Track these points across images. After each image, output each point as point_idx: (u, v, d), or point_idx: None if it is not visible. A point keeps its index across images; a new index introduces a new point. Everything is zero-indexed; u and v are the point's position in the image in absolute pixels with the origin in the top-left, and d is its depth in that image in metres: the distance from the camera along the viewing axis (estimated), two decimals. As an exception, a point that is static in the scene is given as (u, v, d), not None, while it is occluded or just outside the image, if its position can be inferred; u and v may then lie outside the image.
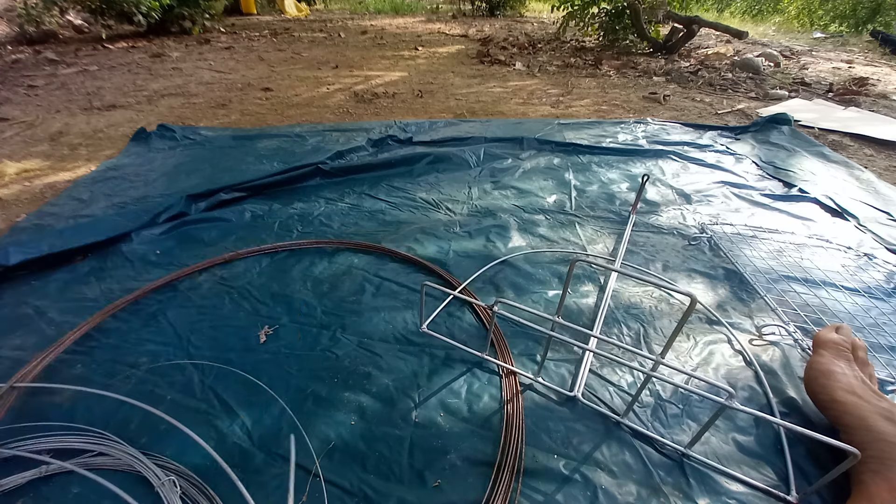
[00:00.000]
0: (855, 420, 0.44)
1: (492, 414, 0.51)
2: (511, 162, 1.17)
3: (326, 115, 1.62)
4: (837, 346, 0.51)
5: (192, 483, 0.42)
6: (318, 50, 2.82)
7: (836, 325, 0.56)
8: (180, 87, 1.92)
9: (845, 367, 0.49)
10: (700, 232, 0.87)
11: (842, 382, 0.47)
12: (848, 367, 0.49)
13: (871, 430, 0.42)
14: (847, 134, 1.48)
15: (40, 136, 1.34)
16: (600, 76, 2.29)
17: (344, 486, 0.43)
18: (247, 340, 0.60)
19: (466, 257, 0.78)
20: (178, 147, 1.24)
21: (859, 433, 0.43)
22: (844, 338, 0.52)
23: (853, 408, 0.45)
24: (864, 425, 0.43)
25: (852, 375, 0.48)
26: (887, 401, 0.45)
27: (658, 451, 0.47)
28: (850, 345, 0.52)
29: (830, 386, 0.48)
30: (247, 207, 0.92)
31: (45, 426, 0.47)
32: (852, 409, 0.44)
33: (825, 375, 0.49)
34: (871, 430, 0.42)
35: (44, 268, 0.73)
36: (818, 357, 0.51)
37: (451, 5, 5.78)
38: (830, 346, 0.51)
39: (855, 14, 4.94)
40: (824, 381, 0.48)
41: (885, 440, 0.41)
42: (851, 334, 0.54)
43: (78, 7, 2.88)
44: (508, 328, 0.63)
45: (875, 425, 0.42)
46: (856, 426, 0.43)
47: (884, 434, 0.41)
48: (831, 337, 0.53)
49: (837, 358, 0.50)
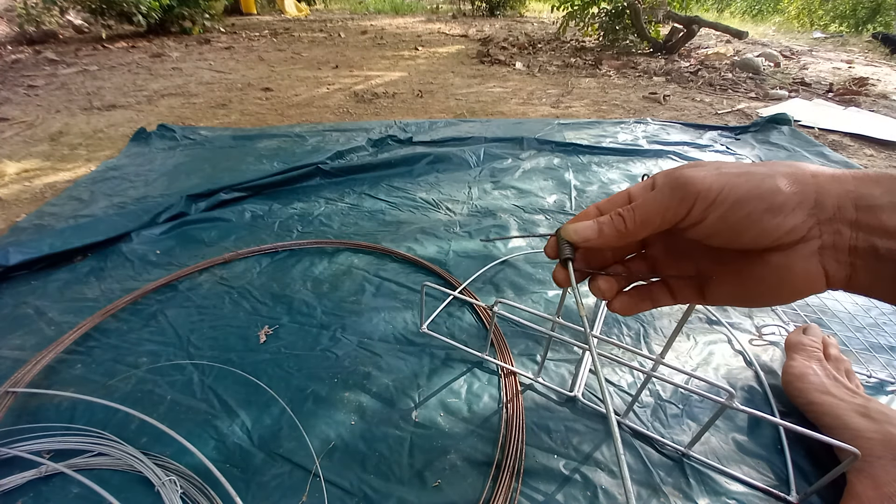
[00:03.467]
0: (832, 420, 0.44)
1: (492, 414, 0.51)
2: (511, 162, 1.17)
3: (326, 115, 1.62)
4: (807, 348, 0.52)
5: (193, 483, 0.42)
6: (318, 50, 2.82)
7: (804, 326, 0.56)
8: (180, 87, 1.92)
9: (818, 368, 0.49)
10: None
11: (815, 384, 0.47)
12: (820, 368, 0.49)
13: (849, 428, 0.42)
14: (847, 134, 1.48)
15: (40, 136, 1.34)
16: (600, 76, 2.29)
17: (344, 486, 0.43)
18: (247, 340, 0.60)
19: (466, 257, 0.78)
20: (178, 147, 1.24)
21: (838, 433, 0.43)
22: (814, 338, 0.53)
23: (829, 407, 0.45)
24: (840, 424, 0.43)
25: (825, 375, 0.48)
26: (862, 396, 0.45)
27: (658, 451, 0.47)
28: (820, 344, 0.52)
29: (805, 388, 0.48)
30: (247, 207, 0.93)
31: (45, 427, 0.47)
32: (828, 409, 0.45)
33: (799, 379, 0.49)
34: (849, 428, 0.42)
35: (44, 268, 0.73)
36: (791, 361, 0.52)
37: (451, 5, 5.78)
38: (801, 349, 0.52)
39: (855, 14, 4.95)
40: (799, 385, 0.49)
41: (862, 437, 0.41)
42: (820, 333, 0.54)
43: (78, 7, 2.88)
44: (508, 328, 0.63)
45: (851, 422, 0.42)
46: (833, 425, 0.44)
47: (861, 430, 0.41)
48: (800, 339, 0.53)
49: (809, 360, 0.51)
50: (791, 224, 0.20)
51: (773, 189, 0.20)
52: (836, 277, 0.21)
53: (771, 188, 0.20)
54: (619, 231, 0.24)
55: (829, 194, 0.20)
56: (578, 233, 0.25)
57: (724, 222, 0.21)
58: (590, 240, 0.24)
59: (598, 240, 0.24)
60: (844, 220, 0.20)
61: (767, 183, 0.21)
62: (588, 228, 0.24)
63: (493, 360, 0.57)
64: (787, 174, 0.21)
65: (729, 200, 0.21)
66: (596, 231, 0.24)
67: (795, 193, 0.20)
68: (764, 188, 0.21)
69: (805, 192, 0.20)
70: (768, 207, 0.20)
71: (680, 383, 0.47)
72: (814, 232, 0.20)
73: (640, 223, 0.23)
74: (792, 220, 0.20)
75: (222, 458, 0.45)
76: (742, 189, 0.21)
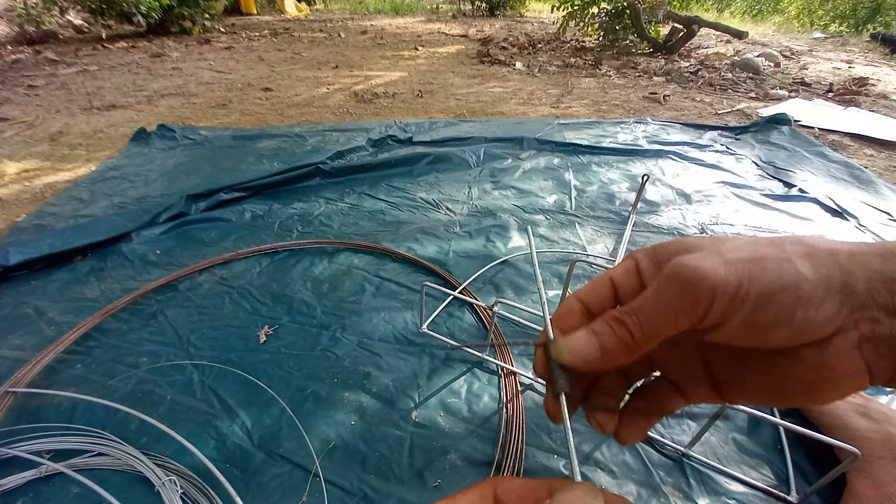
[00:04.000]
0: (832, 419, 0.44)
1: (492, 414, 0.51)
2: (511, 162, 1.17)
3: (326, 115, 1.62)
4: None
5: (193, 483, 0.42)
6: (318, 50, 2.82)
7: None
8: (180, 87, 1.92)
9: None
10: (700, 232, 0.87)
11: None
12: None
13: (848, 428, 0.42)
14: (847, 134, 1.48)
15: (40, 136, 1.34)
16: (600, 76, 2.29)
17: (344, 486, 0.43)
18: (247, 340, 0.60)
19: (466, 257, 0.78)
20: (178, 147, 1.24)
21: (838, 432, 0.43)
22: None
23: (829, 407, 0.45)
24: (840, 423, 0.43)
25: None
26: (862, 396, 0.45)
27: (658, 451, 0.47)
28: None
29: None
30: (247, 207, 0.93)
31: (45, 427, 0.47)
32: (828, 409, 0.45)
33: None
34: (848, 428, 0.42)
35: (44, 268, 0.73)
36: None
37: (451, 5, 5.78)
38: None
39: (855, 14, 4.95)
40: None
41: (862, 437, 0.41)
42: None
43: (78, 7, 2.88)
44: (508, 328, 0.63)
45: (851, 422, 0.42)
46: (834, 425, 0.44)
47: (860, 430, 0.41)
48: None
49: None
50: (825, 316, 0.17)
51: (797, 277, 0.17)
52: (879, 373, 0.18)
53: (794, 276, 0.17)
54: (626, 346, 0.19)
55: (856, 276, 0.17)
56: (574, 353, 0.19)
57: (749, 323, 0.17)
58: (590, 362, 0.19)
59: (601, 361, 0.19)
60: (880, 306, 0.17)
61: (788, 269, 0.17)
62: (586, 346, 0.19)
63: (493, 360, 0.57)
64: (805, 255, 0.17)
65: (752, 297, 0.17)
66: (597, 349, 0.19)
67: (821, 279, 0.17)
68: (787, 277, 0.17)
69: (830, 276, 0.17)
70: (796, 300, 0.17)
71: (680, 383, 0.47)
72: (849, 322, 0.17)
73: (649, 334, 0.18)
74: (824, 311, 0.17)
75: (222, 458, 0.45)
76: (764, 281, 0.17)
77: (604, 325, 0.19)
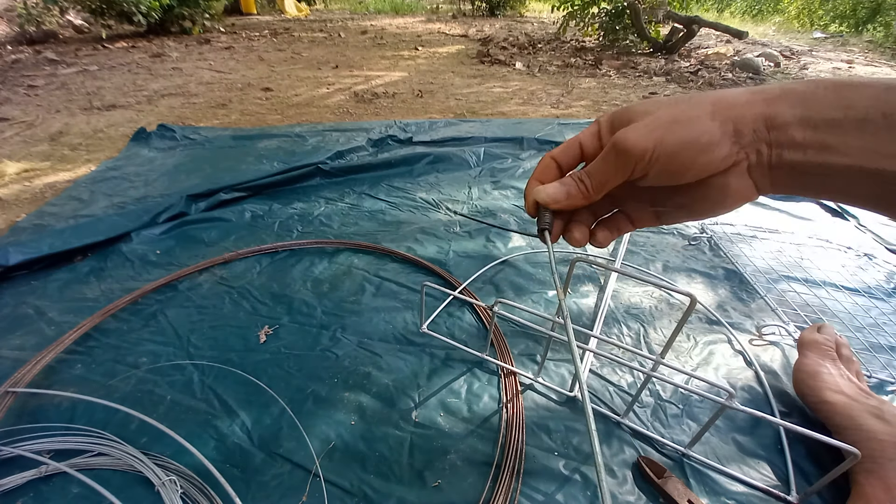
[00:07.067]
0: (845, 420, 0.44)
1: (492, 414, 0.51)
2: (511, 162, 1.17)
3: (326, 115, 1.62)
4: (821, 347, 0.51)
5: (193, 483, 0.42)
6: (318, 50, 2.82)
7: (819, 324, 0.56)
8: (180, 87, 1.92)
9: (831, 367, 0.49)
10: (700, 232, 0.87)
11: (829, 383, 0.47)
12: (834, 367, 0.49)
13: (862, 429, 0.42)
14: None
15: (40, 136, 1.34)
16: (600, 76, 2.29)
17: (344, 487, 0.43)
18: (247, 340, 0.60)
19: (466, 257, 0.78)
20: (178, 147, 1.24)
21: (850, 433, 0.42)
22: (828, 337, 0.53)
23: (842, 407, 0.45)
24: (854, 424, 0.43)
25: (839, 375, 0.48)
26: (876, 398, 0.45)
27: (658, 451, 0.47)
28: (833, 344, 0.52)
29: (818, 387, 0.48)
30: (247, 207, 0.92)
31: (45, 427, 0.47)
32: (841, 409, 0.44)
33: (812, 377, 0.49)
34: (862, 429, 0.42)
35: (44, 268, 0.73)
36: (804, 359, 0.51)
37: (451, 5, 5.78)
38: (815, 347, 0.52)
39: (855, 14, 4.95)
40: (812, 383, 0.48)
41: (875, 438, 0.41)
42: (834, 333, 0.54)
43: (78, 7, 2.88)
44: (508, 328, 0.63)
45: (865, 424, 0.42)
46: (846, 426, 0.43)
47: (874, 432, 0.41)
48: (815, 337, 0.53)
49: (823, 358, 0.50)
50: (721, 155, 0.24)
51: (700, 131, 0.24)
52: (763, 187, 0.25)
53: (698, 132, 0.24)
54: (583, 194, 0.28)
55: (745, 121, 0.23)
56: (550, 195, 0.29)
57: (665, 172, 0.25)
58: (559, 202, 0.28)
59: (566, 202, 0.28)
60: (761, 141, 0.23)
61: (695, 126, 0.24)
62: (557, 192, 0.28)
63: (493, 360, 0.57)
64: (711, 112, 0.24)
65: (663, 157, 0.24)
66: (564, 194, 0.28)
67: (720, 126, 0.23)
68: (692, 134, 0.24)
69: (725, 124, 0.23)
70: (700, 149, 0.24)
71: (680, 383, 0.47)
72: (741, 156, 0.24)
73: (597, 187, 0.28)
74: (720, 152, 0.24)
75: (222, 458, 0.45)
76: (671, 142, 0.24)
77: (570, 180, 0.29)
